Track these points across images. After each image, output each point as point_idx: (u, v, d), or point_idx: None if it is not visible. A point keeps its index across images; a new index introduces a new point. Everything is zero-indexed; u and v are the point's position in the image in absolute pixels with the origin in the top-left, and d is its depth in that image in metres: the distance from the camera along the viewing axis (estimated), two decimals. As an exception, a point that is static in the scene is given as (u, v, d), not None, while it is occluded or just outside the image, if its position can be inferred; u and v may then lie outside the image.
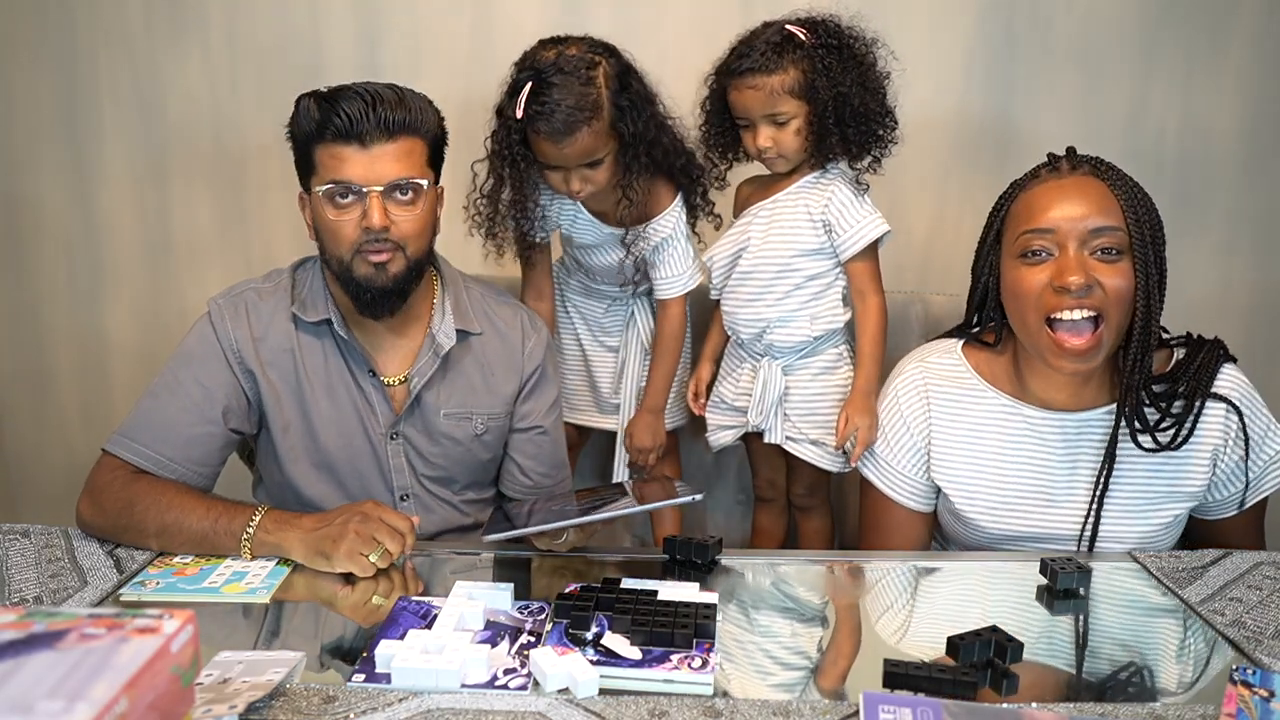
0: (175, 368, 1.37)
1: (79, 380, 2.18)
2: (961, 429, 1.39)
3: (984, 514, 1.38)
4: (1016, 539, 1.39)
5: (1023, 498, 1.37)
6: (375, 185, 1.28)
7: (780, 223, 1.59)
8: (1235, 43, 1.96)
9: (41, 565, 1.22)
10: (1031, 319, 1.26)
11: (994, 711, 0.92)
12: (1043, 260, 1.25)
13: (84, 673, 0.65)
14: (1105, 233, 1.22)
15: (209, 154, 2.06)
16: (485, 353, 1.46)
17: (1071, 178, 1.27)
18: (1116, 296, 1.22)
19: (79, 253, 2.11)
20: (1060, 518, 1.36)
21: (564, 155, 1.50)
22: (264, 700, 0.91)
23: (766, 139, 1.54)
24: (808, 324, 1.61)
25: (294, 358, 1.39)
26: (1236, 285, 1.38)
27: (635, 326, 1.78)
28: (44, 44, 2.00)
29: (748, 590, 1.24)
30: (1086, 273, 1.21)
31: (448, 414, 1.43)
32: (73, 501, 1.32)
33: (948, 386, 1.40)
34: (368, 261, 1.31)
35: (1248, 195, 2.02)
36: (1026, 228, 1.26)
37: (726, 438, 1.72)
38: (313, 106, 1.30)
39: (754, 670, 1.04)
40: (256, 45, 2.00)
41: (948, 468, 1.40)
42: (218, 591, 1.16)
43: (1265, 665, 1.02)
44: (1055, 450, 1.35)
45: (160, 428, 1.34)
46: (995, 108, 2.00)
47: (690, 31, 1.94)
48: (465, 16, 1.97)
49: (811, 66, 1.49)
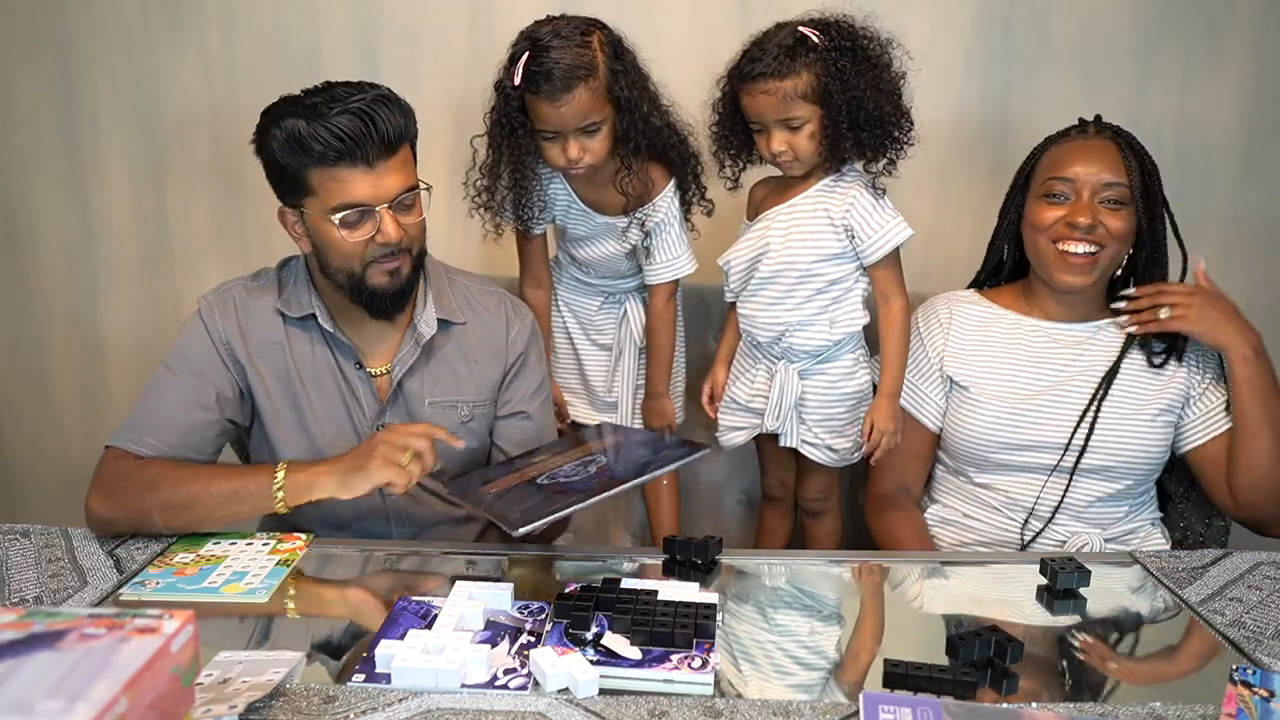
0: (169, 363, 1.39)
1: (77, 380, 2.18)
2: (974, 340, 1.62)
3: (986, 417, 1.57)
4: (1012, 448, 1.55)
5: (1024, 399, 1.56)
6: (384, 202, 1.29)
7: (801, 227, 1.58)
8: (1233, 43, 1.96)
9: (41, 565, 1.22)
10: (1042, 242, 1.54)
11: (994, 711, 0.92)
12: (1060, 202, 1.52)
13: (84, 673, 0.65)
14: (1113, 187, 1.50)
15: (206, 154, 2.05)
16: (469, 341, 1.46)
17: (1095, 140, 1.55)
18: (1115, 234, 1.50)
19: (77, 253, 2.11)
20: (1055, 422, 1.55)
21: (562, 116, 1.50)
22: (264, 700, 0.91)
23: (781, 143, 1.52)
24: (827, 328, 1.60)
25: (283, 350, 1.41)
26: (1233, 284, 1.42)
27: (629, 323, 1.77)
28: (41, 44, 2.00)
29: (748, 590, 1.24)
30: (1094, 216, 1.49)
31: (433, 403, 1.44)
32: (71, 501, 1.32)
33: (965, 307, 1.66)
34: (382, 272, 1.33)
35: (1245, 194, 2.02)
36: (1052, 174, 1.54)
37: (739, 438, 1.72)
38: (302, 128, 1.24)
39: (754, 670, 1.04)
40: (254, 45, 1.99)
41: (960, 368, 1.62)
42: (217, 591, 1.16)
43: (1265, 665, 1.02)
44: (1056, 356, 1.58)
45: (160, 419, 1.35)
46: (993, 107, 2.00)
47: (688, 30, 1.94)
48: (463, 18, 1.97)
49: (825, 70, 1.47)
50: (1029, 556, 1.43)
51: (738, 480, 1.92)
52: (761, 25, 1.57)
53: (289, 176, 1.29)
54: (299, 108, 1.26)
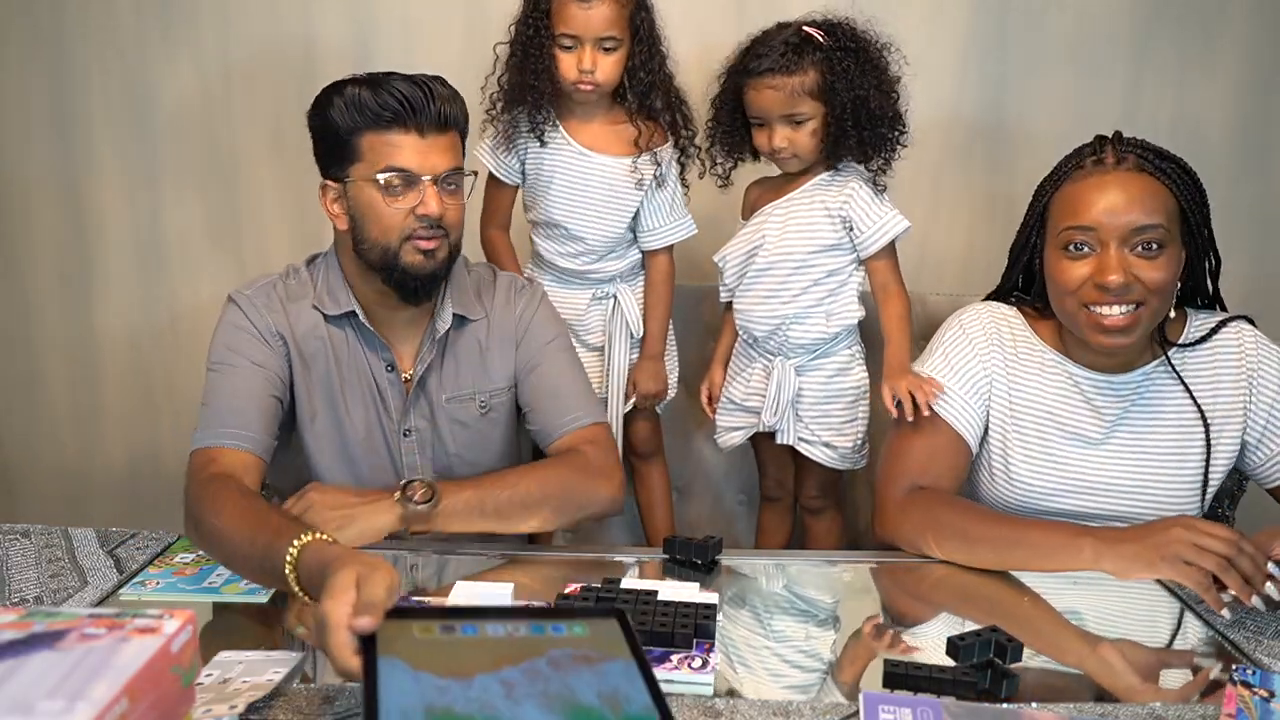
0: (224, 360, 1.35)
1: (70, 382, 2.17)
2: (1019, 375, 1.38)
3: (1026, 462, 1.37)
4: (1055, 494, 1.36)
5: (1064, 450, 1.36)
6: (431, 174, 1.30)
7: (797, 218, 1.60)
8: (1226, 40, 1.97)
9: (41, 565, 1.22)
10: (1071, 305, 1.29)
11: (994, 711, 0.92)
12: (1085, 255, 1.27)
13: (84, 673, 0.65)
14: (1146, 230, 1.24)
15: (201, 155, 2.05)
16: (483, 334, 1.46)
17: (1115, 173, 1.27)
18: (1155, 288, 1.25)
19: (70, 255, 2.11)
20: (1100, 475, 1.35)
21: (587, 18, 1.56)
22: (264, 700, 0.91)
23: (782, 139, 1.55)
24: (824, 321, 1.61)
25: (326, 346, 1.39)
26: (1229, 282, 1.41)
27: (620, 313, 1.75)
28: (34, 45, 2.00)
29: (748, 590, 1.24)
30: (1125, 271, 1.23)
31: (449, 398, 1.43)
32: (67, 501, 1.32)
33: (1010, 332, 1.40)
34: (417, 249, 1.32)
35: (1240, 192, 2.02)
36: (1069, 224, 1.28)
37: (736, 438, 1.72)
38: (364, 92, 1.28)
39: (754, 670, 1.04)
40: (248, 46, 1.99)
41: (1003, 407, 1.38)
42: (217, 591, 1.16)
43: (1265, 665, 1.02)
44: (1099, 408, 1.35)
45: (230, 409, 1.31)
46: (988, 106, 2.01)
47: (685, 29, 1.94)
48: (457, 18, 1.97)
49: (830, 68, 1.51)
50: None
51: (737, 480, 1.92)
52: (758, 25, 1.59)
53: (340, 142, 1.31)
54: (362, 78, 1.31)
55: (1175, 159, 1.29)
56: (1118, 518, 1.34)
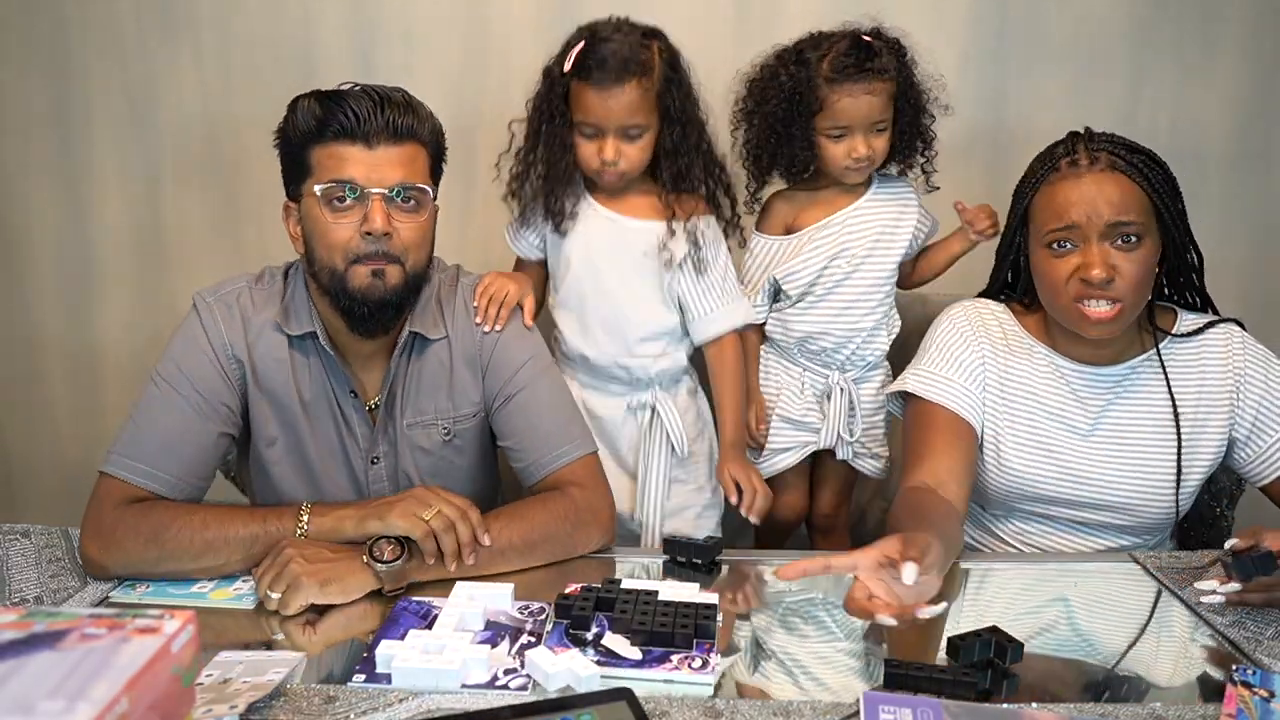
0: (166, 376, 1.28)
1: (71, 383, 2.17)
2: (1009, 364, 1.42)
3: (1017, 449, 1.40)
4: (1046, 481, 1.39)
5: (1053, 438, 1.40)
6: (378, 187, 1.22)
7: (882, 228, 1.61)
8: (1226, 41, 1.97)
9: (42, 565, 1.22)
10: (1062, 302, 1.35)
11: (994, 711, 0.92)
12: (1068, 251, 1.33)
13: (85, 673, 0.65)
14: (1123, 225, 1.30)
15: (201, 156, 2.05)
16: (445, 355, 1.36)
17: (1090, 174, 1.32)
18: (1134, 280, 1.31)
19: (70, 255, 2.10)
20: (1087, 479, 1.38)
21: (608, 110, 1.44)
22: (264, 700, 0.91)
23: (868, 146, 1.54)
24: (885, 333, 1.65)
25: (286, 368, 1.32)
26: (1226, 281, 1.40)
27: (660, 426, 1.58)
28: (34, 46, 2.00)
29: (748, 590, 1.24)
30: (1106, 264, 1.30)
31: (410, 424, 1.35)
32: (68, 502, 1.31)
33: (998, 326, 1.45)
34: (365, 272, 1.23)
35: (1239, 191, 2.02)
36: (1052, 226, 1.33)
37: (786, 460, 1.66)
38: (313, 104, 1.23)
39: (754, 670, 1.04)
40: (249, 46, 1.99)
41: (996, 395, 1.41)
42: (205, 597, 1.16)
43: (1265, 665, 1.02)
44: (1085, 399, 1.40)
45: (158, 445, 1.24)
46: (988, 106, 2.00)
47: (687, 33, 1.94)
48: (459, 23, 1.96)
49: (899, 76, 1.53)
50: (1031, 557, 1.43)
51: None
52: (758, 31, 1.57)
53: (296, 158, 1.26)
54: (319, 91, 1.26)
55: (1145, 151, 1.34)
56: (1106, 506, 1.40)
